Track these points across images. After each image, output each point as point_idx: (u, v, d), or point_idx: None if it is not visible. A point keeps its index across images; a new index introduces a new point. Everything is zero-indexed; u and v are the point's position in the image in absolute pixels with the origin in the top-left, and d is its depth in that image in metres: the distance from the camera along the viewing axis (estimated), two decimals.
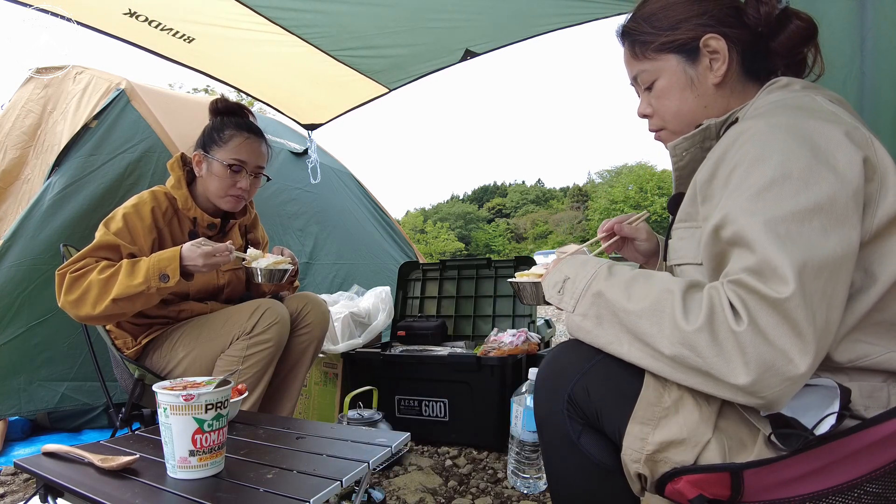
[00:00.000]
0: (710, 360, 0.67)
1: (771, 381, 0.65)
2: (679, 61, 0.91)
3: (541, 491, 1.68)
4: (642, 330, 0.73)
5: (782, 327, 0.64)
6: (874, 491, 0.69)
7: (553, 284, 0.85)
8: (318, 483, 0.87)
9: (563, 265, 0.86)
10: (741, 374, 0.65)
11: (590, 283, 0.79)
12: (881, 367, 0.74)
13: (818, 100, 0.80)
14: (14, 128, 2.56)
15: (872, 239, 0.72)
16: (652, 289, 0.74)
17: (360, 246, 3.63)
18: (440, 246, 36.56)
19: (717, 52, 0.89)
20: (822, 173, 0.69)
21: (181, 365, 1.55)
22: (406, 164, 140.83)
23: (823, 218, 0.67)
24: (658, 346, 0.71)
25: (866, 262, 0.73)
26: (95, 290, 1.39)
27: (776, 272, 0.65)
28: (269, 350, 1.50)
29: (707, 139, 0.90)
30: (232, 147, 1.59)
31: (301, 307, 1.69)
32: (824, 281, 0.66)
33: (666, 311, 0.71)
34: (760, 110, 0.82)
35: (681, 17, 0.90)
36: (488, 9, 2.08)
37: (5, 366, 2.08)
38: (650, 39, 0.93)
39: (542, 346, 2.30)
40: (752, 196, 0.70)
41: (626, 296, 0.75)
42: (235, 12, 1.95)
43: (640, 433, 0.77)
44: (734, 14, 0.90)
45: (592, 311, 0.78)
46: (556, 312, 8.24)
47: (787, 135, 0.73)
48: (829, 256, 0.66)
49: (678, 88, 0.93)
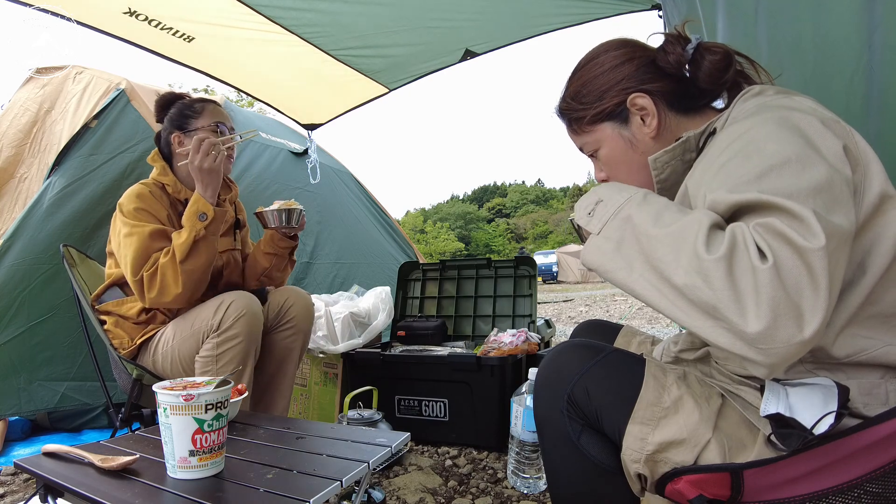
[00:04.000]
0: (721, 294, 0.62)
1: (778, 335, 0.60)
2: (613, 127, 0.96)
3: (541, 491, 1.68)
4: (659, 255, 0.68)
5: (803, 277, 0.61)
6: (874, 491, 0.69)
7: (585, 206, 0.82)
8: (318, 483, 0.87)
9: (600, 188, 0.84)
10: (752, 317, 0.61)
11: (621, 207, 0.76)
12: (878, 362, 0.74)
13: (795, 99, 0.81)
14: (10, 126, 2.56)
15: (860, 230, 0.72)
16: (681, 217, 0.71)
17: (360, 246, 3.63)
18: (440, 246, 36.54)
19: (645, 108, 0.92)
20: (816, 159, 0.69)
21: (163, 367, 1.55)
22: (406, 164, 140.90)
23: (825, 197, 0.66)
24: (670, 274, 0.67)
25: (855, 253, 0.73)
26: (170, 271, 1.46)
27: (805, 223, 0.63)
28: (241, 345, 1.46)
29: (687, 151, 0.91)
30: (208, 113, 1.68)
31: (283, 301, 1.69)
32: (834, 246, 0.64)
33: (688, 239, 0.67)
34: (742, 115, 0.83)
35: (604, 88, 0.95)
36: (488, 9, 2.08)
37: (5, 366, 2.08)
38: (582, 115, 0.98)
39: (542, 346, 2.30)
40: (753, 178, 0.69)
41: (653, 221, 0.72)
42: (235, 12, 1.96)
43: (640, 433, 0.77)
44: (652, 69, 0.94)
45: (616, 234, 0.75)
46: (556, 312, 8.23)
47: (777, 126, 0.73)
48: (838, 227, 0.64)
49: (620, 151, 0.97)
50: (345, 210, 3.65)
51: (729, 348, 0.63)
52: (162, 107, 1.74)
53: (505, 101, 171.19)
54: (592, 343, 0.89)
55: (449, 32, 2.22)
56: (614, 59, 0.95)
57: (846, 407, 0.69)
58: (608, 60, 0.96)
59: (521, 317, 2.51)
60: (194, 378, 1.00)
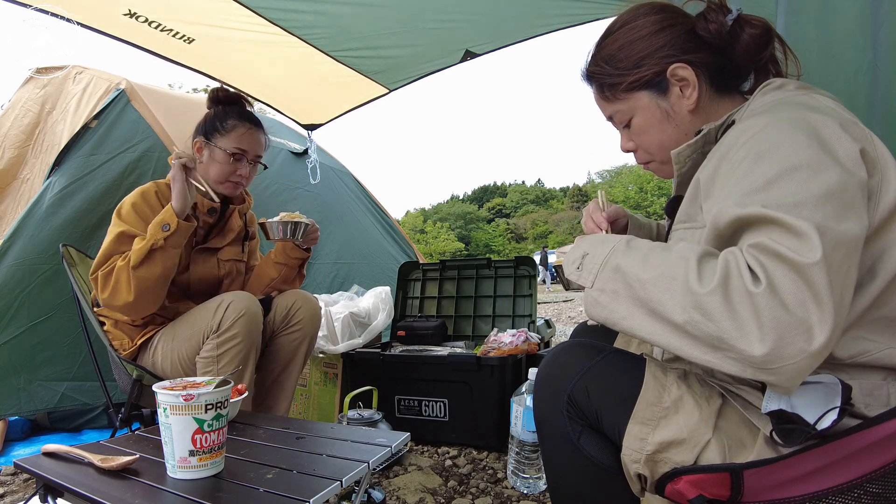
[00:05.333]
0: (723, 325, 0.63)
1: (786, 353, 0.60)
2: (650, 97, 0.92)
3: (541, 491, 1.68)
4: (655, 297, 0.69)
5: (803, 294, 0.61)
6: (874, 491, 0.69)
7: (572, 261, 0.83)
8: (318, 483, 0.87)
9: (583, 242, 0.84)
10: (755, 342, 0.61)
11: (608, 258, 0.77)
12: (881, 364, 0.74)
13: (815, 97, 0.80)
14: (12, 127, 2.56)
15: (873, 234, 0.72)
16: (668, 257, 0.72)
17: (360, 246, 3.63)
18: (440, 246, 36.54)
19: (686, 79, 0.90)
20: (830, 163, 0.68)
21: (163, 367, 1.55)
22: (406, 164, 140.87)
23: (836, 203, 0.66)
24: (670, 314, 0.67)
25: (866, 257, 0.72)
26: (124, 275, 1.43)
27: (802, 237, 0.63)
28: (240, 346, 1.46)
29: (707, 143, 0.90)
30: (234, 136, 1.63)
31: (291, 304, 1.68)
32: (842, 256, 0.64)
33: (679, 277, 0.68)
34: (760, 109, 0.82)
35: (643, 54, 0.91)
36: (488, 10, 2.08)
37: (5, 366, 2.08)
38: (617, 81, 0.93)
39: (542, 346, 2.30)
40: (763, 185, 0.69)
41: (641, 266, 0.73)
42: (235, 13, 1.95)
43: (640, 433, 0.77)
44: (692, 38, 0.90)
45: (609, 285, 0.75)
46: (556, 312, 8.24)
47: (792, 128, 0.73)
48: (846, 235, 0.64)
49: (656, 122, 0.94)
50: (345, 210, 3.65)
51: (741, 374, 0.64)
52: (209, 103, 1.71)
53: (505, 101, 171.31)
54: (592, 343, 0.89)
55: (449, 33, 2.22)
56: (653, 24, 0.91)
57: (849, 403, 0.69)
58: (647, 25, 0.91)
59: (521, 317, 2.51)
60: (194, 378, 1.00)
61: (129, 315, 1.53)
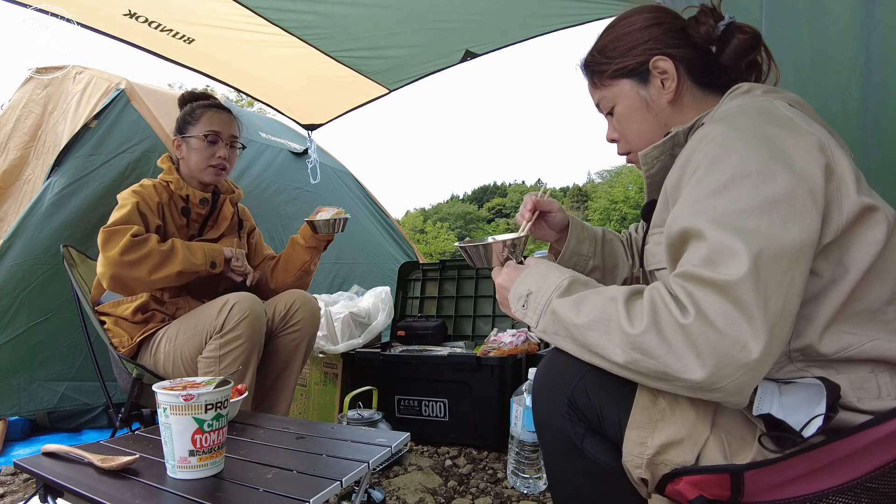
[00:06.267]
0: (663, 360, 0.67)
1: (726, 371, 0.64)
2: (632, 85, 0.97)
3: (541, 491, 1.68)
4: (593, 342, 0.73)
5: (732, 314, 0.64)
6: (875, 490, 0.69)
7: (517, 298, 0.85)
8: (317, 483, 0.87)
9: (528, 276, 0.86)
10: (696, 369, 0.65)
11: (549, 300, 0.80)
12: (867, 356, 0.74)
13: (776, 104, 0.83)
14: (15, 129, 2.56)
15: (842, 234, 0.73)
16: (598, 300, 0.75)
17: (360, 246, 3.63)
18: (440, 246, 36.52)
19: (666, 71, 0.94)
20: (780, 171, 0.71)
21: (165, 366, 1.55)
22: (406, 164, 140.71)
23: (782, 209, 0.68)
24: (611, 356, 0.71)
25: (837, 254, 0.74)
26: (155, 259, 1.50)
27: (730, 256, 0.66)
28: (243, 346, 1.47)
29: (676, 146, 0.92)
30: (204, 121, 1.71)
31: (290, 304, 1.69)
32: (783, 269, 0.66)
33: (612, 320, 0.71)
34: (723, 115, 0.85)
35: (630, 46, 0.97)
36: (488, 10, 2.08)
37: (5, 366, 2.08)
38: (605, 68, 0.99)
39: (541, 346, 2.30)
40: (710, 193, 0.72)
41: (576, 311, 0.76)
42: (236, 14, 1.96)
43: (639, 438, 0.77)
44: (680, 36, 0.95)
45: (551, 328, 0.79)
46: None
47: (746, 136, 0.75)
48: (789, 244, 0.67)
49: (635, 110, 0.98)
50: (345, 210, 3.65)
51: (692, 396, 0.69)
52: (179, 108, 1.79)
53: (505, 101, 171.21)
54: None
55: (449, 33, 2.22)
56: (645, 20, 0.97)
57: (835, 409, 0.70)
58: (639, 21, 0.98)
59: None
60: (194, 378, 1.00)
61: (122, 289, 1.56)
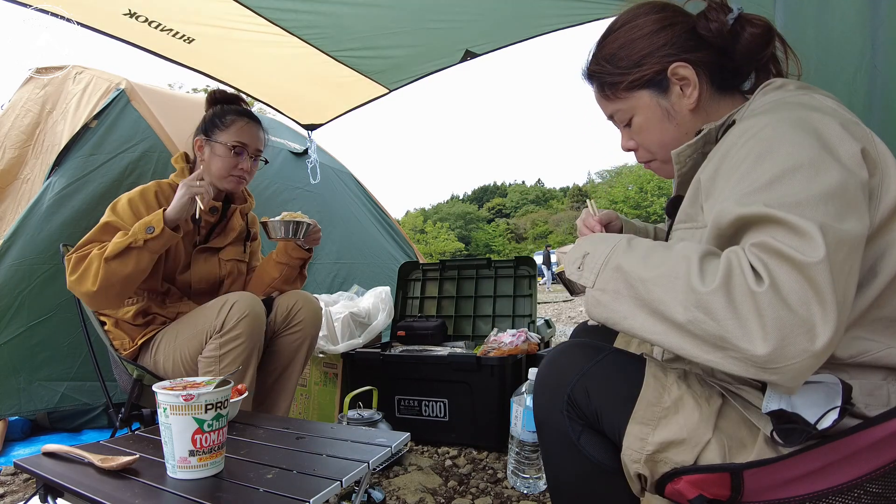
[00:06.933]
0: (726, 324, 0.63)
1: (789, 352, 0.60)
2: (651, 96, 0.93)
3: (541, 491, 1.68)
4: (657, 297, 0.69)
5: (806, 293, 0.61)
6: (875, 491, 0.69)
7: (573, 261, 0.82)
8: (318, 483, 0.87)
9: (583, 242, 0.83)
10: (758, 340, 0.61)
11: (609, 257, 0.76)
12: (881, 364, 0.74)
13: (816, 97, 0.80)
14: (13, 128, 2.56)
15: (874, 234, 0.72)
16: (670, 256, 0.71)
17: (360, 246, 3.63)
18: (440, 246, 36.53)
19: (687, 78, 0.90)
20: (831, 162, 0.68)
21: (164, 367, 1.55)
22: (406, 164, 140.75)
23: (837, 203, 0.66)
24: (672, 314, 0.67)
25: (868, 256, 0.72)
26: (95, 264, 1.43)
27: (805, 237, 0.63)
28: (243, 346, 1.46)
29: (707, 143, 0.90)
30: (234, 130, 1.66)
31: (292, 305, 1.69)
32: (844, 255, 0.64)
33: (681, 276, 0.67)
34: (761, 109, 0.82)
35: (643, 53, 0.91)
36: (488, 10, 2.08)
37: (5, 366, 2.08)
38: (618, 80, 0.93)
39: (541, 346, 2.30)
40: (764, 185, 0.69)
41: (643, 265, 0.72)
42: (236, 13, 1.95)
43: (640, 433, 0.77)
44: (693, 37, 0.91)
45: (611, 285, 0.75)
46: (556, 312, 8.23)
47: (793, 128, 0.73)
48: (848, 234, 0.64)
49: (656, 121, 0.94)
50: (345, 210, 3.65)
51: (744, 374, 0.64)
52: (207, 105, 1.75)
53: (505, 101, 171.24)
54: (592, 343, 0.89)
55: (449, 33, 2.22)
56: (654, 22, 0.91)
57: (850, 402, 0.69)
58: (648, 24, 0.92)
59: (521, 317, 2.51)
60: (194, 378, 1.00)
61: (90, 306, 1.53)
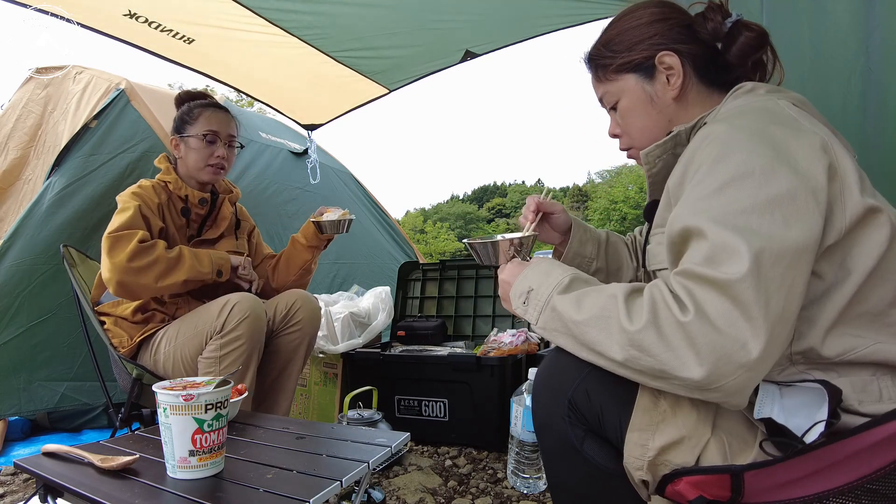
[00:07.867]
0: (661, 357, 0.66)
1: (725, 370, 0.64)
2: (637, 80, 0.97)
3: (541, 491, 1.68)
4: (592, 339, 0.73)
5: (732, 313, 0.64)
6: (875, 492, 0.69)
7: (519, 295, 0.85)
8: (317, 483, 0.87)
9: (530, 273, 0.86)
10: (694, 367, 0.65)
11: (549, 297, 0.80)
12: (869, 360, 0.74)
13: (781, 104, 0.82)
14: (15, 129, 2.56)
15: (845, 236, 0.73)
16: (599, 297, 0.75)
17: (360, 246, 3.63)
18: (440, 246, 36.52)
19: (672, 67, 0.93)
20: (783, 170, 0.70)
21: (165, 367, 1.55)
22: (406, 164, 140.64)
23: (785, 209, 0.68)
24: (610, 354, 0.71)
25: (840, 256, 0.74)
26: (163, 266, 1.50)
27: (731, 255, 0.65)
28: (244, 347, 1.47)
29: (678, 145, 0.92)
30: (203, 121, 1.71)
31: (290, 304, 1.69)
32: (783, 269, 0.66)
33: (612, 317, 0.71)
34: (726, 114, 0.85)
35: (635, 40, 0.96)
36: (488, 10, 2.08)
37: (5, 366, 2.08)
38: (609, 62, 0.99)
39: (541, 346, 2.30)
40: (712, 192, 0.72)
41: (576, 308, 0.76)
42: (236, 14, 1.96)
43: (640, 440, 0.77)
44: (686, 32, 0.95)
45: (550, 324, 0.79)
46: None
47: (749, 136, 0.75)
48: (791, 245, 0.66)
49: (640, 105, 0.98)
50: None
51: (690, 396, 0.69)
52: (176, 106, 1.79)
53: (505, 101, 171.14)
54: None
55: (449, 33, 2.22)
56: (651, 14, 0.97)
57: (836, 414, 0.70)
58: (645, 15, 0.97)
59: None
60: (194, 378, 1.00)
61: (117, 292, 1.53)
